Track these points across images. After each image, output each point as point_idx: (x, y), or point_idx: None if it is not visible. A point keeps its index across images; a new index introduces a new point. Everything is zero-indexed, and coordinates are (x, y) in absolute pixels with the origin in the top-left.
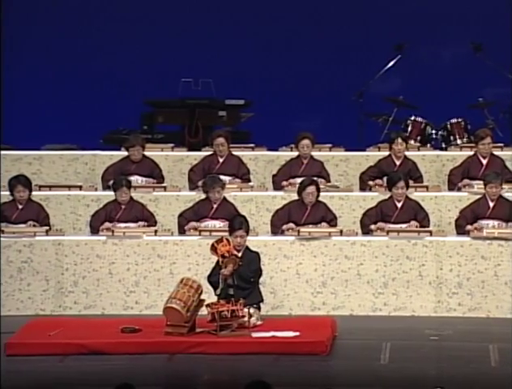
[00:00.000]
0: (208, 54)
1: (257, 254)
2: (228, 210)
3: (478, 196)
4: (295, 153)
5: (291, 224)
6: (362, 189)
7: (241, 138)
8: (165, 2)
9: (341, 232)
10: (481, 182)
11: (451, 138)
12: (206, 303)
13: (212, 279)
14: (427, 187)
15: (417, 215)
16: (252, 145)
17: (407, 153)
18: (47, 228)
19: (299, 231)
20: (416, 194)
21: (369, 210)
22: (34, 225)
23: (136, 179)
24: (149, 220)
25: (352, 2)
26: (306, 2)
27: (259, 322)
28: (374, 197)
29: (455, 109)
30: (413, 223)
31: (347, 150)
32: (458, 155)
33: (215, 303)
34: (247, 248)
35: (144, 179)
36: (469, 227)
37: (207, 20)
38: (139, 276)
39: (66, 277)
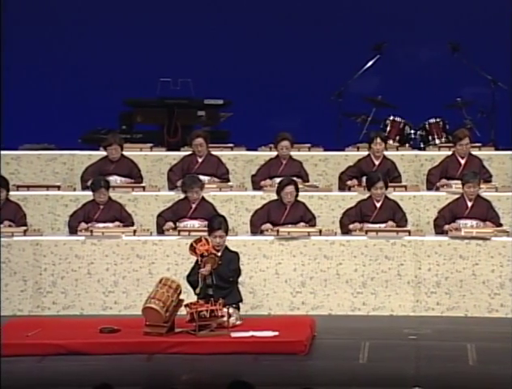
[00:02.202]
0: (187, 54)
1: (236, 253)
2: (207, 210)
3: (456, 196)
4: (274, 153)
5: (269, 224)
6: (341, 189)
7: (220, 138)
8: (144, 3)
9: (320, 231)
10: (459, 182)
11: (430, 138)
12: (185, 303)
13: (191, 278)
14: (405, 187)
15: (395, 215)
16: (231, 145)
17: (385, 153)
18: (25, 228)
19: (278, 231)
20: (394, 194)
21: (349, 210)
22: (10, 225)
23: (115, 179)
24: (126, 220)
25: (331, 2)
26: (285, 1)
27: (238, 322)
28: (353, 197)
29: (434, 108)
30: (390, 223)
31: (326, 150)
32: (436, 154)
33: (194, 303)
34: (226, 248)
35: (123, 179)
36: (447, 226)
37: (186, 20)
38: (118, 276)
39: (44, 277)
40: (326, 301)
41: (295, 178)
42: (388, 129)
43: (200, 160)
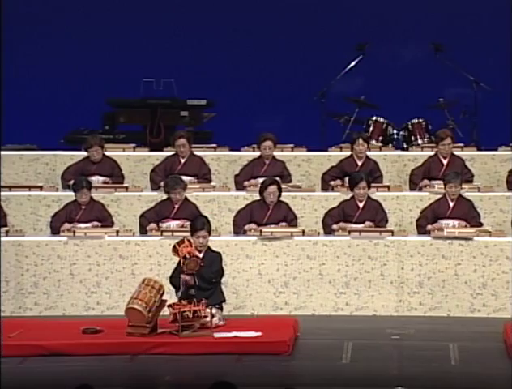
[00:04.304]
0: (170, 54)
1: (218, 254)
2: (190, 210)
3: (439, 196)
4: (257, 153)
5: (253, 225)
6: (324, 189)
7: (204, 139)
8: (127, 2)
9: (303, 232)
10: (442, 182)
11: (412, 138)
12: (168, 303)
13: (174, 280)
14: (388, 187)
15: (376, 216)
16: (214, 145)
17: (368, 153)
18: (7, 228)
19: (261, 231)
20: (377, 194)
21: (331, 210)
22: None
23: (97, 179)
24: (106, 220)
25: (315, 3)
26: (268, 2)
27: (221, 323)
28: (336, 197)
29: (416, 109)
30: (368, 223)
31: (309, 150)
32: (419, 155)
33: (177, 303)
34: (209, 248)
35: (105, 179)
36: (430, 227)
37: (169, 20)
38: (101, 277)
39: (26, 278)
40: (309, 301)
41: (278, 178)
42: (371, 129)
43: (183, 160)
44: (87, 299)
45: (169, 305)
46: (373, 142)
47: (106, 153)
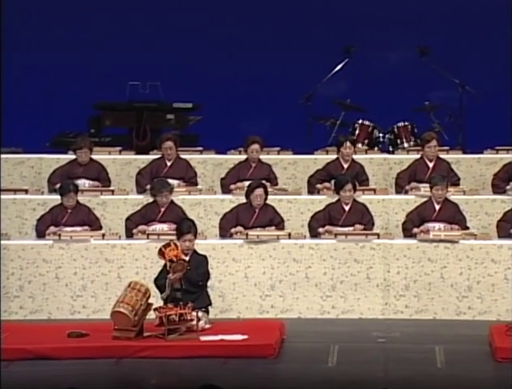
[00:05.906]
0: (156, 57)
1: (204, 257)
2: (176, 213)
3: (424, 199)
4: (243, 156)
5: (239, 228)
6: (310, 192)
7: (190, 142)
8: (112, 4)
9: (289, 235)
10: (428, 185)
11: (398, 141)
12: (154, 307)
13: (159, 282)
14: (374, 190)
15: (362, 219)
16: (200, 148)
17: (354, 156)
18: None
19: (247, 234)
20: (363, 197)
21: (317, 213)
22: None
23: (83, 182)
24: (93, 224)
25: (300, 5)
26: (254, 3)
27: (207, 326)
28: (322, 200)
29: (402, 112)
30: (358, 226)
31: (295, 153)
32: (405, 158)
33: (163, 307)
34: (195, 251)
35: (91, 182)
36: (416, 230)
37: (155, 22)
38: (87, 280)
39: (11, 282)
40: (295, 304)
41: (264, 182)
42: (357, 132)
43: (169, 163)
44: (73, 303)
45: (155, 309)
46: (359, 145)
47: (92, 156)
